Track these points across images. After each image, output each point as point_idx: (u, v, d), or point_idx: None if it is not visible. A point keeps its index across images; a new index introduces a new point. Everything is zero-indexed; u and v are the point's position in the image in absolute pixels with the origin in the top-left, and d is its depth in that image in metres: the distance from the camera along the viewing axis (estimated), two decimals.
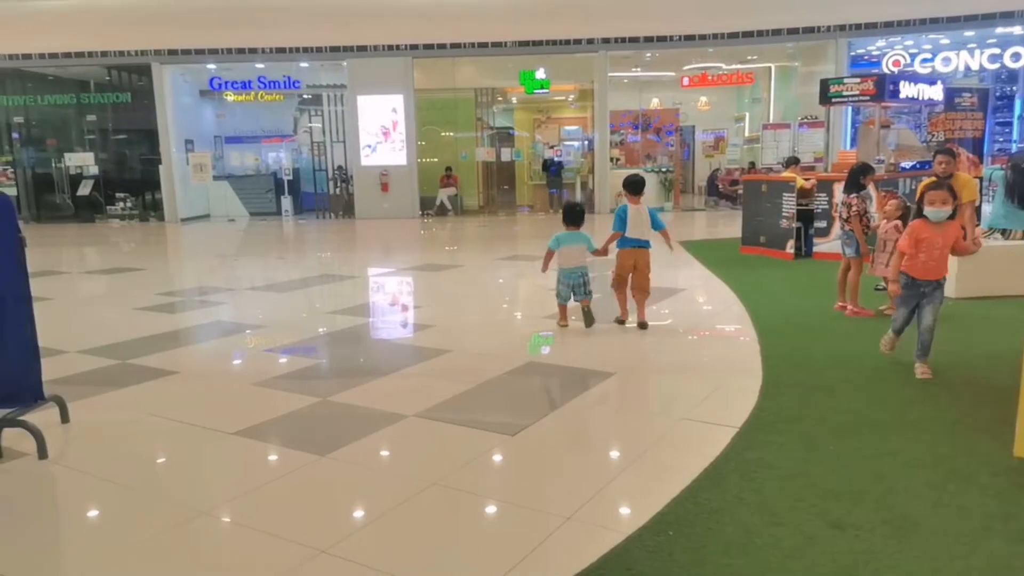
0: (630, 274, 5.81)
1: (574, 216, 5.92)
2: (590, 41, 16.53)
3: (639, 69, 18.56)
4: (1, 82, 18.32)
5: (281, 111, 19.81)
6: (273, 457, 3.54)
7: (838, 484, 3.02)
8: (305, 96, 19.46)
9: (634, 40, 16.55)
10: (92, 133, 19.05)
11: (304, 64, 17.79)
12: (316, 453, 3.47)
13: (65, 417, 3.92)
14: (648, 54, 17.59)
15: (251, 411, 4.08)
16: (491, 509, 2.96)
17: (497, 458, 3.46)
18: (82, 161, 18.28)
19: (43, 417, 3.75)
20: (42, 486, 3.31)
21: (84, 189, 18.18)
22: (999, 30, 14.73)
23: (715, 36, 16.26)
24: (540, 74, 17.13)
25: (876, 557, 2.48)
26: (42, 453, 3.46)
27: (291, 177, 18.42)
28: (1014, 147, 14.57)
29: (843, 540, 2.60)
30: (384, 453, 3.57)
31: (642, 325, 5.85)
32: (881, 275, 6.10)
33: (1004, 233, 6.93)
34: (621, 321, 6.00)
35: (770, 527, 2.68)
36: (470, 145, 19.06)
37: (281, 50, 16.99)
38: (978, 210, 8.24)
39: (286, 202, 18.32)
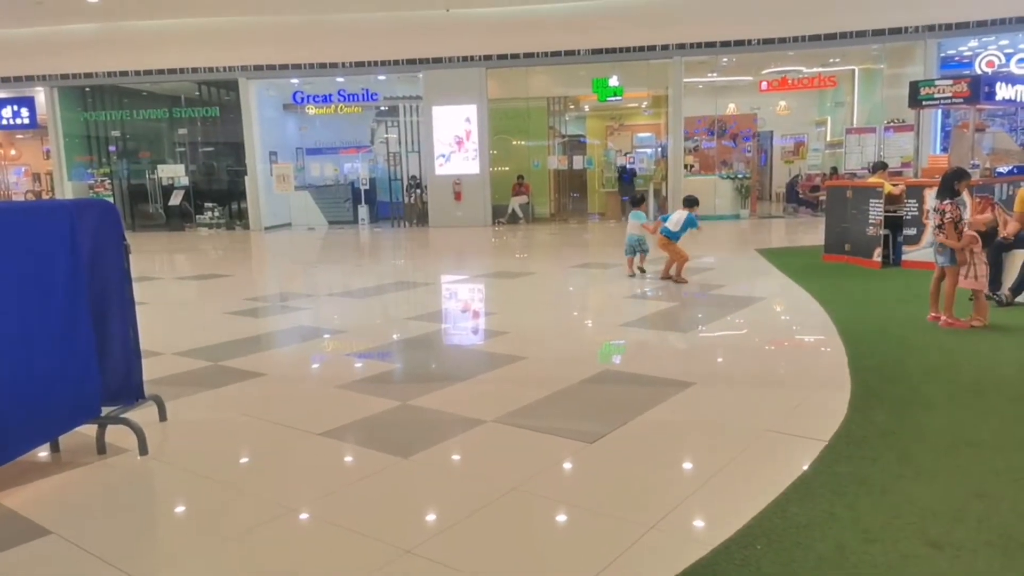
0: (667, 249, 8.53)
1: (636, 201, 9.67)
2: (664, 47, 16.36)
3: (715, 74, 18.22)
4: (100, 98, 19.51)
5: (359, 123, 20.38)
6: (358, 458, 3.63)
7: (936, 502, 2.88)
8: (382, 108, 19.97)
9: (710, 45, 16.28)
10: (183, 146, 20.04)
11: (382, 77, 18.25)
12: (399, 455, 3.54)
13: (163, 415, 4.13)
14: (724, 59, 17.26)
15: (335, 413, 4.20)
16: (572, 516, 2.95)
17: (576, 465, 3.45)
18: (173, 172, 19.25)
19: (143, 415, 3.96)
20: (143, 480, 3.49)
21: (175, 199, 19.13)
22: None
23: (795, 39, 15.82)
24: (613, 81, 17.08)
25: None
26: (143, 449, 3.65)
27: (368, 187, 18.91)
28: None
29: (942, 560, 2.48)
30: (465, 457, 3.61)
31: (679, 279, 8.35)
32: (965, 287, 5.79)
33: None
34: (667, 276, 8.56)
35: (864, 544, 2.58)
36: (542, 153, 19.10)
37: (360, 63, 17.48)
38: None
39: (363, 211, 18.80)
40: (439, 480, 3.34)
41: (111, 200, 18.48)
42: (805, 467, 3.26)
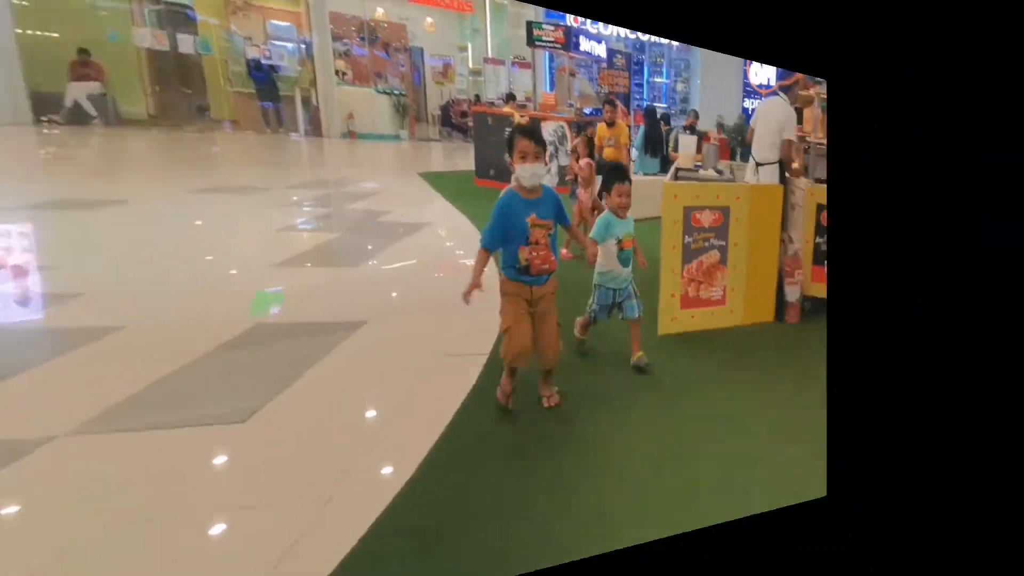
0: None
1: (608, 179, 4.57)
2: None
3: None
4: None
5: None
6: None
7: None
8: None
9: None
10: None
11: None
12: None
13: None
14: None
15: None
16: (227, 521, 2.30)
17: (229, 456, 2.69)
18: None
19: None
20: None
21: None
22: None
23: None
24: None
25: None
26: None
27: None
28: (644, 104, 16.67)
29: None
30: (16, 507, 2.34)
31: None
32: None
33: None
34: None
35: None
36: (122, 21, 12.96)
37: None
38: None
39: None
40: None
41: None
42: (475, 380, 3.39)
